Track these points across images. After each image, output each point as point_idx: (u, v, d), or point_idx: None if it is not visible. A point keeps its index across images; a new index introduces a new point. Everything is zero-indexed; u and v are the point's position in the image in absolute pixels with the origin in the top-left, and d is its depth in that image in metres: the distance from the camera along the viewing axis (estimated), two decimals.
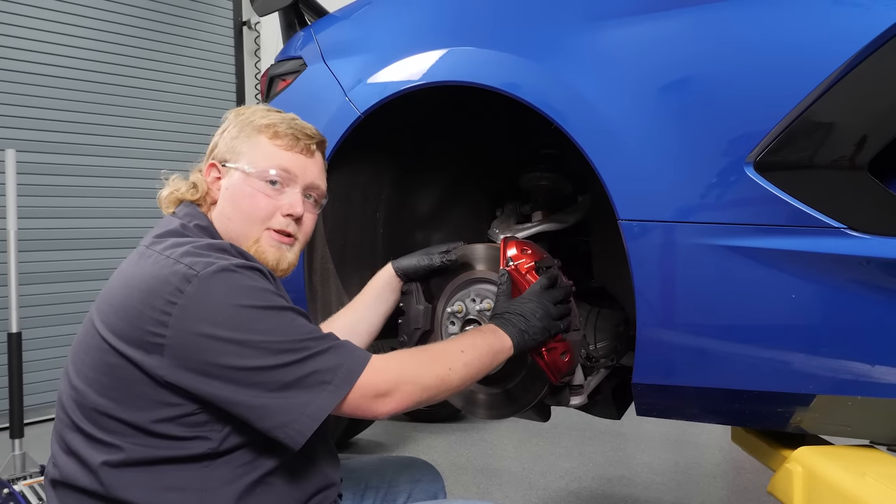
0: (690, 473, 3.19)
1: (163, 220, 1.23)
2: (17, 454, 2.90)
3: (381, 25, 1.69)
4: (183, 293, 1.00)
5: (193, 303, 0.99)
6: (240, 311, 1.01)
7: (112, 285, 1.11)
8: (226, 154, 1.25)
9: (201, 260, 1.03)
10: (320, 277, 1.74)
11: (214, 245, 1.10)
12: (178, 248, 1.07)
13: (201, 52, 5.17)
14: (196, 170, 1.29)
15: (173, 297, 1.00)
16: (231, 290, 1.02)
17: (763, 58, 1.12)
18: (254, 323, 1.01)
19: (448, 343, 1.24)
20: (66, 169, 4.42)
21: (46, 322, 4.23)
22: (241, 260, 1.08)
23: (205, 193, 1.25)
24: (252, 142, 1.24)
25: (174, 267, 1.02)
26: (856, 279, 1.08)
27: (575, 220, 1.71)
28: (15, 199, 3.06)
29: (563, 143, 1.38)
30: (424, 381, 1.11)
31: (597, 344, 1.63)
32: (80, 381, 1.07)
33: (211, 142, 1.31)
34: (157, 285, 1.01)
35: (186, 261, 1.03)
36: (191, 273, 1.01)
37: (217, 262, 1.03)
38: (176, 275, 1.01)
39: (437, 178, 1.87)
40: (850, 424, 1.22)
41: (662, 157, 1.20)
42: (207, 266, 1.02)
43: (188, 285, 1.00)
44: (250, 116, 1.27)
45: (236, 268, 1.04)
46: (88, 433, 1.05)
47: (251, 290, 1.03)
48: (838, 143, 1.07)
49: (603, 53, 1.29)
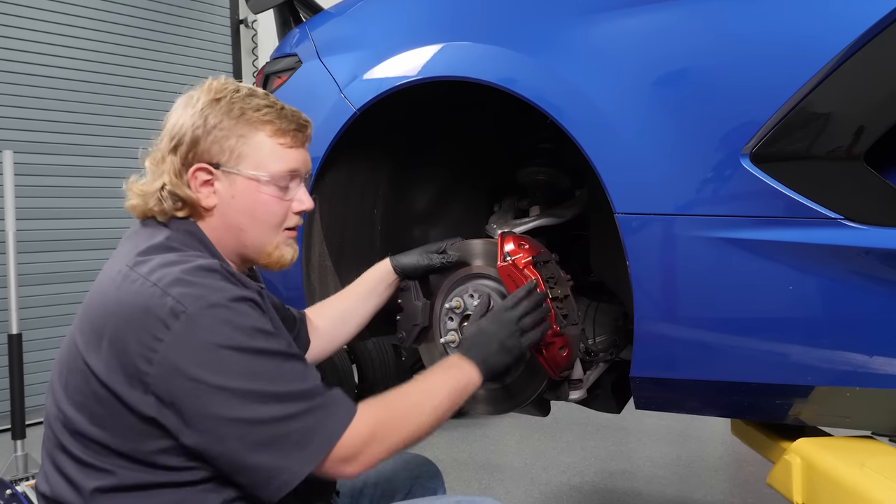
0: (692, 467, 3.19)
1: (144, 228, 1.14)
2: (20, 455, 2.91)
3: (376, 21, 1.69)
4: (170, 329, 0.95)
5: (179, 341, 0.95)
6: (226, 353, 0.96)
7: (93, 306, 1.05)
8: (218, 156, 1.12)
9: (190, 292, 0.98)
10: (318, 275, 1.74)
11: (204, 267, 1.03)
12: (165, 273, 1.00)
13: (199, 51, 5.17)
14: (152, 159, 1.15)
15: (159, 333, 0.95)
16: (219, 329, 0.96)
17: (758, 48, 1.12)
18: (239, 367, 0.96)
19: (419, 388, 1.15)
20: (64, 170, 4.41)
21: (47, 323, 4.23)
22: (232, 289, 1.01)
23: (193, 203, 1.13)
24: (253, 142, 1.13)
25: (162, 299, 0.97)
26: (853, 270, 1.08)
27: (572, 214, 1.71)
28: (13, 200, 3.06)
29: (560, 137, 1.38)
30: (395, 442, 1.07)
31: (595, 338, 1.63)
32: (70, 405, 1.03)
33: (171, 123, 1.15)
34: (143, 318, 0.97)
35: (174, 292, 0.97)
36: (179, 308, 0.96)
37: (207, 297, 0.98)
38: (163, 308, 0.96)
39: (434, 175, 1.87)
40: (849, 415, 1.22)
41: (658, 150, 1.19)
42: (196, 300, 0.97)
43: (175, 321, 0.95)
44: (238, 105, 1.13)
45: (228, 302, 0.98)
46: (79, 458, 1.02)
47: (240, 330, 0.98)
48: (835, 134, 1.07)
49: (598, 47, 1.29)
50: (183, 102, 1.16)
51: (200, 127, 1.11)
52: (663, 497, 2.87)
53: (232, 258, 1.18)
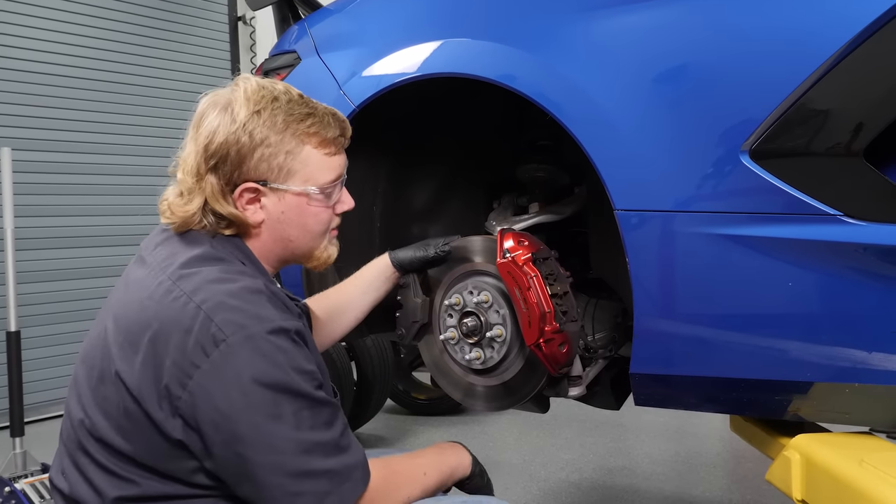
0: (691, 463, 3.20)
1: (186, 235, 1.10)
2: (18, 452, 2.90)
3: (375, 18, 1.68)
4: (208, 357, 0.94)
5: (216, 370, 0.94)
6: (258, 391, 0.94)
7: (131, 316, 1.03)
8: (266, 173, 1.08)
9: (233, 319, 0.96)
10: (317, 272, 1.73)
11: (250, 289, 1.01)
12: (210, 295, 0.99)
13: (197, 48, 5.15)
14: (186, 172, 1.09)
15: (197, 360, 0.95)
16: (255, 363, 0.95)
17: (757, 45, 1.12)
18: (268, 406, 0.95)
19: (414, 463, 1.19)
20: (62, 167, 4.40)
21: (45, 321, 4.23)
22: (275, 318, 0.99)
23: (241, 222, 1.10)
24: (301, 156, 1.10)
25: (204, 324, 0.96)
26: (853, 266, 1.08)
27: (572, 211, 1.71)
28: (11, 197, 3.05)
29: (559, 134, 1.38)
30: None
31: (595, 335, 1.63)
32: (98, 412, 1.02)
33: (205, 134, 1.07)
34: (183, 341, 0.96)
35: (218, 318, 0.96)
36: (220, 336, 0.95)
37: (249, 328, 0.96)
38: (205, 334, 0.95)
39: (434, 171, 1.87)
40: (849, 412, 1.22)
41: (658, 147, 1.19)
42: (238, 330, 0.95)
43: (215, 350, 0.94)
44: (281, 117, 1.08)
45: (268, 335, 0.97)
46: (103, 464, 1.02)
47: (276, 367, 0.96)
48: (834, 130, 1.07)
49: (597, 43, 1.29)
50: (216, 109, 1.09)
51: (246, 145, 1.06)
52: (661, 493, 2.88)
53: (273, 264, 1.18)
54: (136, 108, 4.75)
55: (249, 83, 1.11)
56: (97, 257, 4.48)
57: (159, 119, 4.86)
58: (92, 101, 4.55)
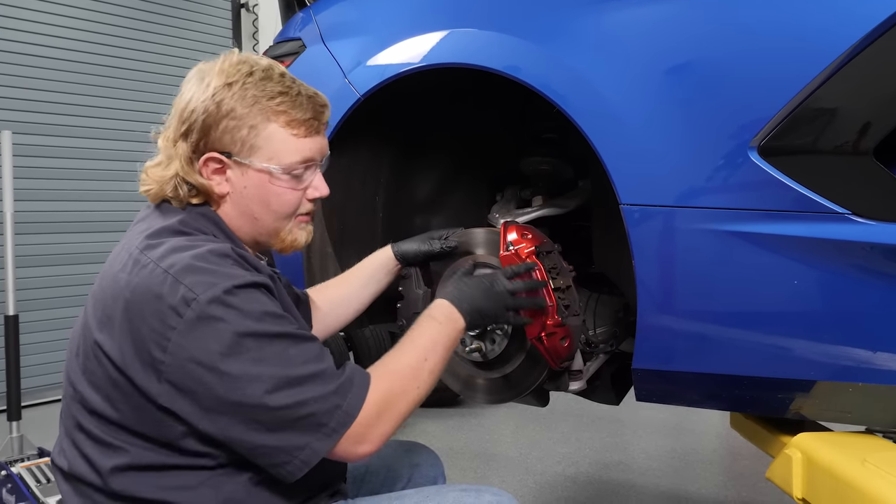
0: (687, 459, 3.20)
1: (157, 210, 1.13)
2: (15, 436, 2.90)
3: (381, 6, 1.67)
4: (182, 317, 0.95)
5: (191, 329, 0.95)
6: (238, 339, 0.95)
7: (105, 289, 1.04)
8: (230, 145, 1.09)
9: (201, 279, 0.97)
10: (319, 260, 1.73)
11: (215, 251, 1.02)
12: (177, 259, 0.99)
13: (199, 35, 5.13)
14: (164, 140, 1.13)
15: (172, 321, 0.95)
16: (230, 316, 0.96)
17: (768, 41, 1.11)
18: (251, 353, 0.96)
19: (415, 350, 1.14)
20: (62, 151, 4.39)
21: (44, 305, 4.23)
22: (243, 275, 1.00)
23: (207, 191, 1.12)
24: (265, 133, 1.09)
25: (174, 287, 0.96)
26: (859, 265, 1.08)
27: (575, 204, 1.70)
28: (11, 181, 3.04)
29: (564, 127, 1.37)
30: (403, 413, 1.08)
31: (596, 329, 1.63)
32: (87, 385, 1.03)
33: (182, 102, 1.10)
34: (156, 306, 0.96)
35: (187, 280, 0.96)
36: (190, 296, 0.95)
37: (218, 284, 0.97)
38: (175, 295, 0.96)
39: (437, 162, 1.86)
40: (851, 411, 1.22)
41: (665, 141, 1.18)
42: (208, 288, 0.96)
43: (187, 309, 0.95)
44: (251, 91, 1.08)
45: (237, 289, 0.97)
46: (96, 436, 1.03)
47: (251, 316, 0.97)
48: (844, 128, 1.06)
49: (605, 35, 1.28)
50: (196, 78, 1.11)
51: (213, 114, 1.07)
52: (658, 489, 2.88)
53: (248, 242, 1.18)
54: (137, 94, 4.73)
55: (232, 57, 1.12)
56: (97, 242, 4.48)
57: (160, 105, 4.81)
58: (93, 86, 4.53)
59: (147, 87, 4.78)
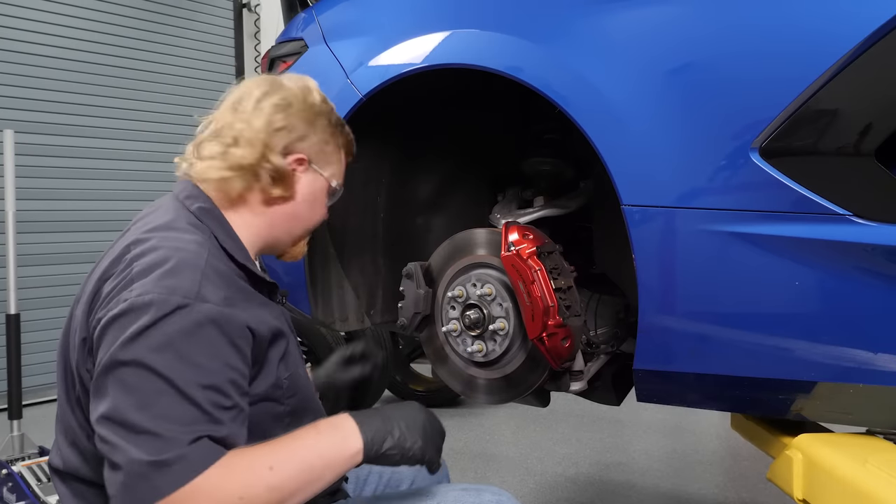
0: (687, 460, 3.20)
1: (167, 205, 1.12)
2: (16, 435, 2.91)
3: (384, 7, 1.67)
4: (116, 307, 0.94)
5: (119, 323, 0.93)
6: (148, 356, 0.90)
7: (93, 277, 1.05)
8: (316, 156, 1.18)
9: (147, 285, 0.94)
10: (320, 261, 1.73)
11: (185, 262, 0.98)
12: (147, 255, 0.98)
13: (201, 34, 5.14)
14: (230, 129, 1.14)
15: (112, 306, 0.96)
16: (148, 334, 0.91)
17: (770, 42, 1.11)
18: (139, 373, 0.89)
19: (261, 457, 0.94)
20: (65, 150, 4.40)
21: (45, 304, 4.23)
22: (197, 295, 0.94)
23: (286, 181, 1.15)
24: (337, 156, 1.24)
25: (126, 278, 0.96)
26: (860, 267, 1.08)
27: (577, 205, 1.70)
28: (13, 180, 3.04)
29: (565, 127, 1.37)
30: None
31: (597, 330, 1.63)
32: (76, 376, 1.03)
33: (271, 105, 1.14)
34: (110, 288, 0.99)
35: (137, 281, 0.95)
36: (126, 297, 0.94)
37: (162, 297, 0.93)
38: (124, 287, 0.96)
39: (438, 163, 1.86)
40: (852, 412, 1.22)
41: (667, 142, 1.19)
42: (144, 294, 0.93)
43: (123, 304, 0.93)
44: (337, 121, 1.23)
45: (177, 310, 0.92)
46: (83, 424, 1.03)
47: (164, 350, 0.91)
48: (845, 130, 1.06)
49: (607, 36, 1.28)
50: (292, 83, 1.20)
51: (311, 125, 1.17)
52: (658, 490, 2.88)
53: (257, 246, 1.18)
54: (139, 94, 4.74)
55: (315, 90, 1.24)
56: (98, 242, 4.48)
57: (162, 105, 4.85)
58: (95, 85, 4.54)
59: (149, 86, 4.79)
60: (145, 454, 0.85)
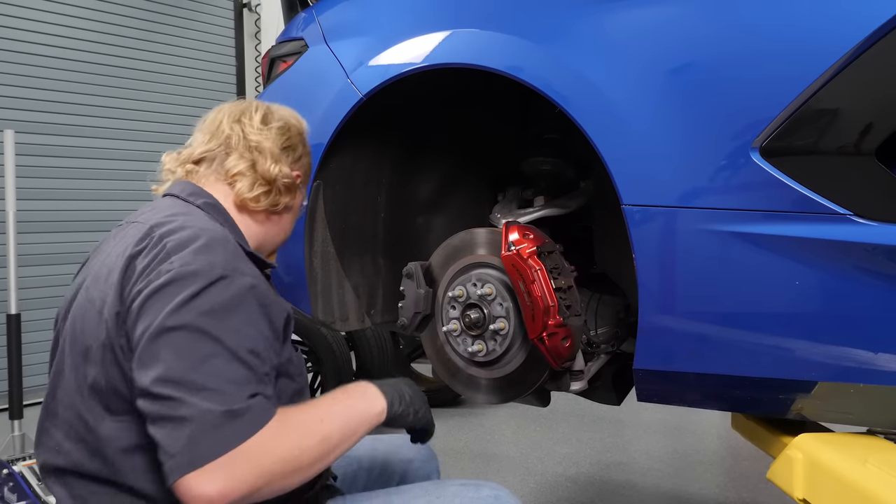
0: (688, 460, 3.20)
1: (176, 199, 1.20)
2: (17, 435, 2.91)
3: (384, 6, 1.67)
4: (158, 278, 1.01)
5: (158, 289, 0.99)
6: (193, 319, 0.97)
7: (108, 262, 1.12)
8: (305, 175, 1.36)
9: (186, 256, 1.00)
10: (321, 260, 1.73)
11: (214, 237, 1.05)
12: (176, 234, 1.05)
13: (201, 35, 5.14)
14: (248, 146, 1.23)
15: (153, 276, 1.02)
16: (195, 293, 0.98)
17: (770, 41, 1.11)
18: (191, 334, 0.95)
19: (311, 410, 1.05)
20: (65, 151, 4.40)
21: (46, 304, 4.23)
22: (234, 266, 1.02)
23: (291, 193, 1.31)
24: (308, 178, 1.41)
25: (160, 253, 1.03)
26: (861, 266, 1.07)
27: (577, 205, 1.70)
28: (14, 180, 3.05)
29: (566, 127, 1.37)
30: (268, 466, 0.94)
31: (597, 330, 1.63)
32: (93, 368, 1.03)
33: (279, 124, 1.28)
34: (143, 264, 1.04)
35: (174, 255, 1.01)
36: (166, 269, 1.01)
37: (209, 267, 1.00)
38: (159, 259, 1.03)
39: (439, 163, 1.86)
40: (852, 412, 1.22)
41: (668, 142, 1.18)
42: (186, 265, 0.99)
43: (163, 275, 1.00)
44: (308, 146, 1.37)
45: (220, 279, 0.99)
46: (113, 410, 1.01)
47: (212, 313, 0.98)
48: (846, 129, 1.06)
49: (607, 36, 1.28)
50: (282, 110, 1.34)
51: (304, 147, 1.35)
52: (658, 489, 2.88)
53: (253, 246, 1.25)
54: (139, 94, 4.74)
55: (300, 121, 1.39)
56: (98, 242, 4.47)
57: (163, 105, 4.85)
58: (96, 85, 4.54)
59: (149, 86, 4.79)
60: (216, 405, 0.91)
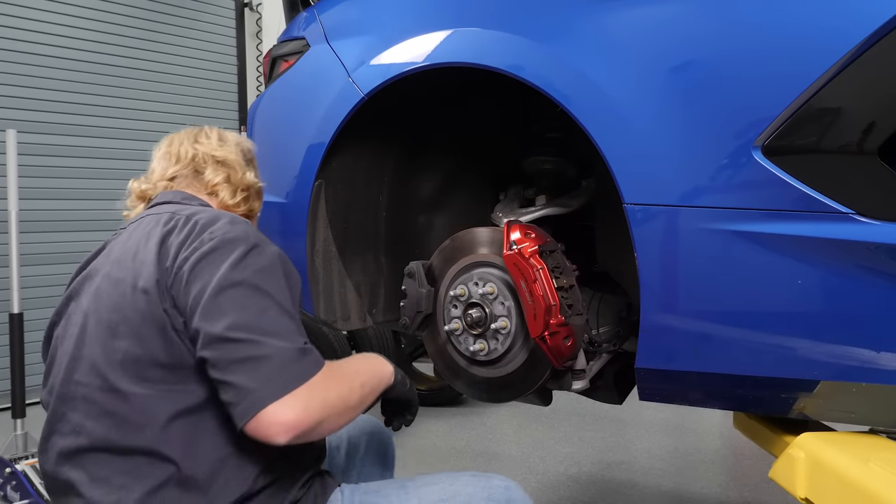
0: (689, 459, 3.20)
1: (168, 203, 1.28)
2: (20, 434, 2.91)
3: (386, 6, 1.67)
4: (201, 246, 1.11)
5: (205, 256, 1.10)
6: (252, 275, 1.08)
7: (129, 249, 1.18)
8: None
9: (222, 227, 1.12)
10: (322, 259, 1.73)
11: (235, 218, 1.17)
12: (203, 214, 1.16)
13: (203, 34, 5.14)
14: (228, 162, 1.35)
15: (196, 245, 1.12)
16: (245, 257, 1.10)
17: (773, 40, 1.11)
18: (255, 286, 1.06)
19: (353, 368, 1.20)
20: (67, 150, 4.40)
21: (48, 303, 4.22)
22: (264, 239, 1.15)
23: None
24: None
25: (195, 227, 1.14)
26: (863, 265, 1.07)
27: (579, 204, 1.70)
28: (16, 180, 3.05)
29: (567, 126, 1.37)
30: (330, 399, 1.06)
31: (599, 329, 1.63)
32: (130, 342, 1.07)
33: (244, 147, 1.41)
34: (179, 240, 1.13)
35: (211, 227, 1.12)
36: (208, 238, 1.12)
37: (242, 235, 1.12)
38: (198, 232, 1.13)
39: (440, 162, 1.86)
40: (854, 411, 1.22)
41: (669, 141, 1.18)
42: (226, 233, 1.11)
43: (206, 244, 1.11)
44: None
45: (256, 245, 1.11)
46: (155, 382, 1.05)
47: (263, 271, 1.10)
48: (848, 128, 1.06)
49: (609, 35, 1.28)
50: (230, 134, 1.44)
51: (255, 162, 1.45)
52: (660, 489, 2.88)
53: None
54: (142, 94, 4.74)
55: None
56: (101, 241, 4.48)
57: (164, 104, 4.85)
58: (98, 85, 4.54)
59: (151, 85, 4.79)
60: (290, 343, 1.02)
